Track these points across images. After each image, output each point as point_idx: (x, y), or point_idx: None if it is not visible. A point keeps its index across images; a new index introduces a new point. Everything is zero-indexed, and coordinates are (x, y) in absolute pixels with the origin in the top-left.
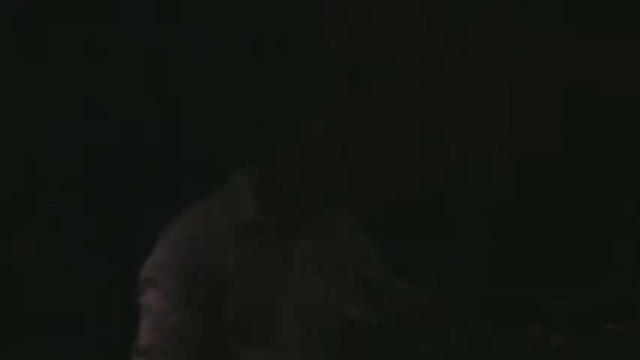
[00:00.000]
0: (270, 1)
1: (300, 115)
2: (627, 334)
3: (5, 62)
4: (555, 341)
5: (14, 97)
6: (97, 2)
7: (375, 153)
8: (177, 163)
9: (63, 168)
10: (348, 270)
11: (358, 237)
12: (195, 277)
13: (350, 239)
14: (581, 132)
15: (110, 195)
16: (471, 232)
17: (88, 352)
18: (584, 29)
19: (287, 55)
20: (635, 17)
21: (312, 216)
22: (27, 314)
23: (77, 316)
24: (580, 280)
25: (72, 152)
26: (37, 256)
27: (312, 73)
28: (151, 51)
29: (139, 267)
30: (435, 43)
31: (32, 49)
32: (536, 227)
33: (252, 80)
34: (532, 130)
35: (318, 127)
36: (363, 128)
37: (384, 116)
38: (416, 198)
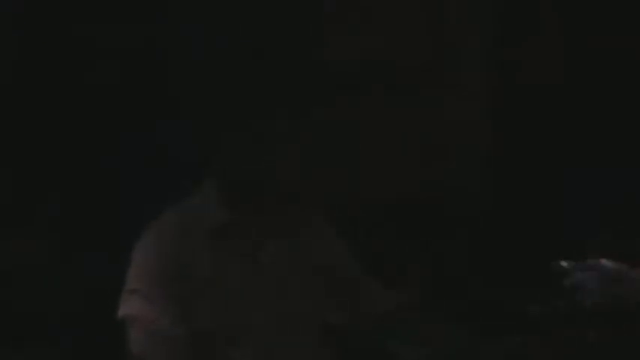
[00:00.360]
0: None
1: (263, 116)
2: (628, 336)
3: (5, 62)
4: (555, 343)
5: (14, 97)
6: (96, 2)
7: (373, 153)
8: (177, 163)
9: (63, 168)
10: (320, 271)
11: (330, 237)
12: (177, 278)
13: (322, 240)
14: (576, 132)
15: (110, 195)
16: (468, 233)
17: (88, 353)
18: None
19: (258, 56)
20: None
21: (284, 217)
22: (26, 314)
23: (77, 316)
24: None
25: (72, 152)
26: (37, 256)
27: (278, 74)
28: (150, 51)
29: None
30: (434, 44)
31: (32, 49)
32: (533, 229)
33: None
34: (526, 130)
35: (281, 128)
36: (361, 128)
37: (381, 117)
38: (413, 199)
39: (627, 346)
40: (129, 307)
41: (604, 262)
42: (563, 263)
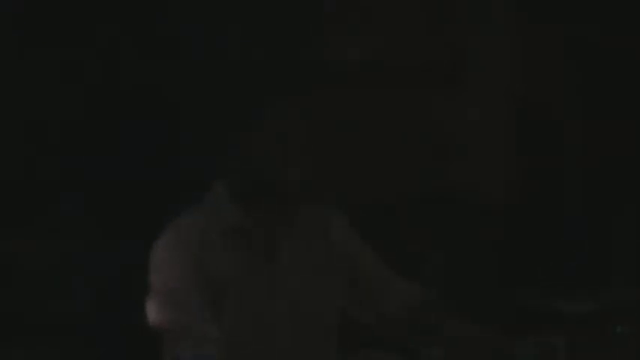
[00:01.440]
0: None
1: (268, 115)
2: (636, 337)
3: (5, 62)
4: (562, 344)
5: (14, 97)
6: (96, 2)
7: (374, 153)
8: (177, 163)
9: (63, 168)
10: (341, 268)
11: (348, 235)
12: (199, 281)
13: (339, 238)
14: (581, 131)
15: (110, 195)
16: (474, 233)
17: (88, 353)
18: None
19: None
20: None
21: (298, 216)
22: (26, 314)
23: (77, 316)
24: (586, 282)
25: (72, 152)
26: (37, 256)
27: (281, 71)
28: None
29: (139, 267)
30: (434, 44)
31: (32, 48)
32: (540, 229)
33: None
34: (533, 129)
35: (285, 126)
36: (361, 127)
37: (381, 116)
38: (420, 198)
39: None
40: (159, 314)
41: None
42: None
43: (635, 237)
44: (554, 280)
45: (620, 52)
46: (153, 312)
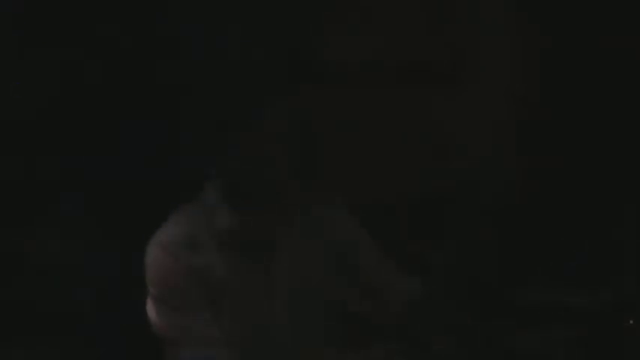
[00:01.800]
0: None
1: (268, 115)
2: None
3: (5, 62)
4: (569, 340)
5: (14, 96)
6: (96, 2)
7: (375, 153)
8: (177, 163)
9: (63, 168)
10: (342, 260)
11: (348, 234)
12: (195, 283)
13: (339, 237)
14: (585, 130)
15: (110, 195)
16: (474, 233)
17: (88, 353)
18: None
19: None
20: None
21: (298, 216)
22: (27, 314)
23: (77, 316)
24: (592, 279)
25: (72, 152)
26: (37, 256)
27: (269, 71)
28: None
29: (139, 267)
30: (434, 43)
31: (32, 48)
32: (540, 229)
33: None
34: (532, 129)
35: (285, 126)
36: (362, 128)
37: (384, 116)
38: (418, 198)
39: None
40: (159, 315)
41: None
42: None
43: (635, 237)
44: (554, 280)
45: (620, 52)
46: (153, 313)
